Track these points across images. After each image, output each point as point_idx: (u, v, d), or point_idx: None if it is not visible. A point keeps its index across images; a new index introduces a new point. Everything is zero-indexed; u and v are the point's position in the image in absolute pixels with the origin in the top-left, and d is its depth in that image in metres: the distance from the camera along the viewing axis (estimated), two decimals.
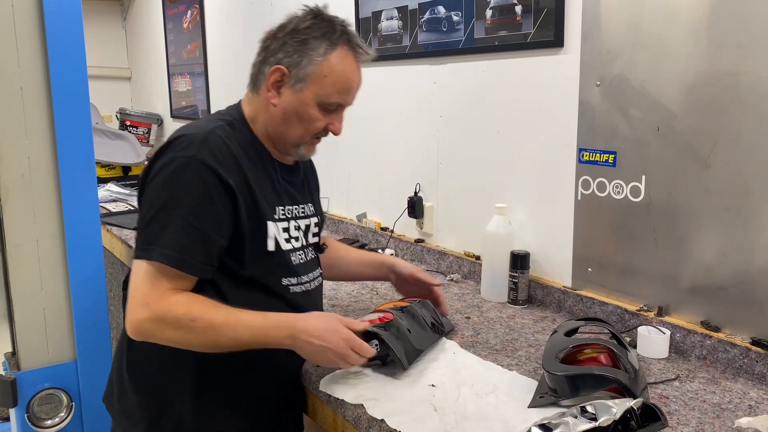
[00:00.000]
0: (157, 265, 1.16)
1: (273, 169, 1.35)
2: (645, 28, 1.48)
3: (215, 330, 1.16)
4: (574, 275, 1.73)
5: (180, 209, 1.17)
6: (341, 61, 1.28)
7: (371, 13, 2.34)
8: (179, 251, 1.16)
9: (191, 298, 1.18)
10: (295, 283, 1.34)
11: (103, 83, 5.04)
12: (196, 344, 1.18)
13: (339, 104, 1.31)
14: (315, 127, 1.31)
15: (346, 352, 1.20)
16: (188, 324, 1.15)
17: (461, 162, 2.07)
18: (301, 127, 1.30)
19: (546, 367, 1.22)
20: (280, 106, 1.30)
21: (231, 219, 1.22)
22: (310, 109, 1.29)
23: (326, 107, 1.30)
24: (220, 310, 1.18)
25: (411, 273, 1.61)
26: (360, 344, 1.23)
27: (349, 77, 1.30)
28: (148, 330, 1.16)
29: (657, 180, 1.50)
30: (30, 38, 1.78)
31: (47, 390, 1.81)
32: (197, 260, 1.18)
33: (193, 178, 1.18)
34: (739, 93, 1.33)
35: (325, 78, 1.27)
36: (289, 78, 1.28)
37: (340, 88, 1.29)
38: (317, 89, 1.27)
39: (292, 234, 1.36)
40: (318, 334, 1.19)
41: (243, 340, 1.18)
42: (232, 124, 1.31)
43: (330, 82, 1.27)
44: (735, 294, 1.38)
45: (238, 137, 1.29)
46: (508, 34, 1.82)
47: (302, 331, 1.19)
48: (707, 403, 1.22)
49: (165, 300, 1.16)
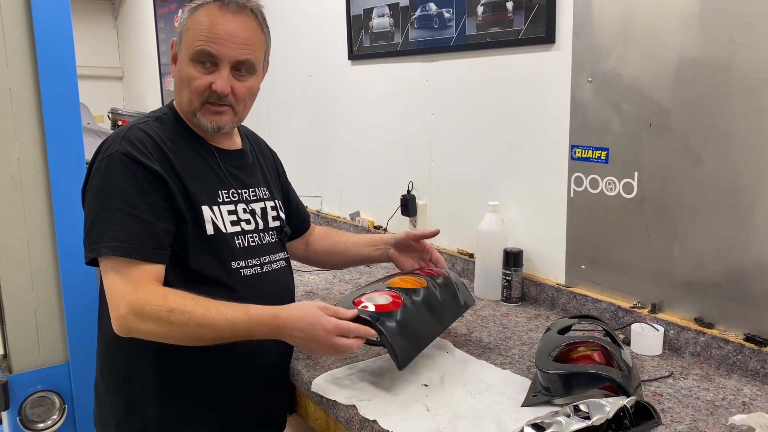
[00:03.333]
0: (119, 260, 1.17)
1: (210, 155, 1.35)
2: (636, 23, 1.48)
3: (195, 322, 1.14)
4: (568, 272, 1.72)
5: (115, 203, 1.19)
6: (203, 13, 1.27)
7: (362, 11, 2.33)
8: (125, 241, 1.17)
9: (166, 291, 1.18)
10: (245, 266, 1.32)
11: (94, 83, 5.02)
12: (178, 337, 1.16)
13: (207, 53, 1.26)
14: (195, 87, 1.28)
15: (332, 341, 1.14)
16: (166, 316, 1.14)
17: (454, 159, 2.07)
18: (186, 90, 1.30)
19: (539, 365, 1.21)
20: (174, 77, 1.34)
21: (168, 204, 1.23)
22: (185, 67, 1.29)
23: (198, 59, 1.27)
24: (198, 302, 1.16)
25: (406, 234, 1.57)
26: (347, 327, 1.16)
27: (209, 24, 1.26)
28: (131, 324, 1.15)
29: (650, 176, 1.50)
30: (18, 38, 1.77)
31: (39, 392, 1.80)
32: (145, 246, 1.18)
33: (120, 171, 1.20)
34: (731, 88, 1.33)
35: (188, 31, 1.28)
36: (176, 48, 1.33)
37: (200, 36, 1.26)
38: (186, 45, 1.28)
39: (241, 216, 1.35)
40: (300, 327, 1.15)
41: (226, 335, 1.16)
42: (160, 118, 1.34)
43: (191, 33, 1.27)
44: (728, 290, 1.38)
45: (165, 128, 1.31)
46: (499, 31, 1.81)
47: (285, 326, 1.16)
48: (701, 400, 1.22)
49: (140, 291, 1.16)
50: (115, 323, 1.17)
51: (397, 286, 1.34)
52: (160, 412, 1.28)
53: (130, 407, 1.30)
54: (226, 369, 1.29)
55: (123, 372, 1.31)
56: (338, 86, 2.56)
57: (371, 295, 1.29)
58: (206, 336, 1.16)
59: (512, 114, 1.84)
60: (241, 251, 1.32)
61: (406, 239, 1.56)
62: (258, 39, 1.32)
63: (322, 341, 1.15)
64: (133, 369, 1.29)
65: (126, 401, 1.30)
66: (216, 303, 1.16)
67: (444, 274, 1.48)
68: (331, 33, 2.55)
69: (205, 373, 1.28)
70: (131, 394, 1.29)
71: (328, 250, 1.66)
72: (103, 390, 1.36)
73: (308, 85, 2.75)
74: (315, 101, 2.72)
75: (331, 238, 1.68)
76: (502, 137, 1.88)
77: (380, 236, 1.63)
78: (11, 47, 1.76)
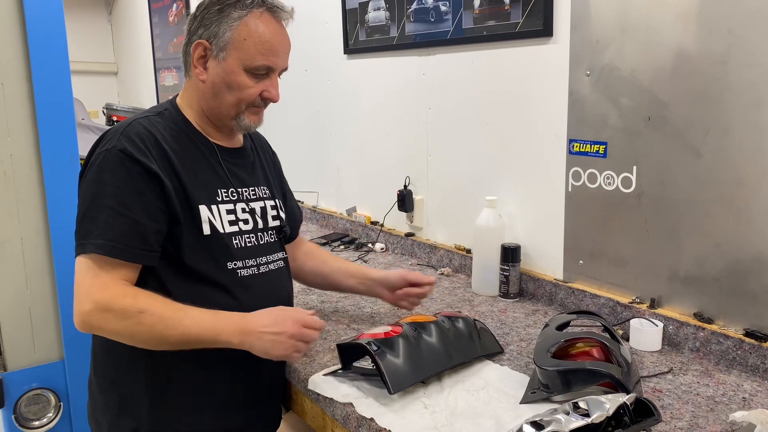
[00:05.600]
0: (96, 257, 1.16)
1: (211, 153, 1.33)
2: (634, 16, 1.46)
3: (164, 323, 1.14)
4: (566, 268, 1.71)
5: (107, 200, 1.18)
6: (258, 22, 1.26)
7: (358, 4, 2.31)
8: (112, 239, 1.16)
9: (137, 291, 1.17)
10: (243, 266, 1.31)
11: (89, 78, 4.99)
12: (143, 338, 1.16)
13: (267, 67, 1.28)
14: (248, 95, 1.28)
15: (299, 330, 1.19)
16: (135, 315, 1.13)
17: (451, 154, 2.05)
18: (232, 96, 1.28)
19: (537, 362, 1.20)
20: (209, 81, 1.29)
21: (162, 203, 1.21)
22: (238, 76, 1.27)
23: (254, 72, 1.27)
24: (168, 303, 1.17)
25: (400, 275, 1.53)
26: (311, 320, 1.21)
27: (270, 37, 1.26)
28: (95, 321, 1.14)
29: (648, 170, 1.49)
30: (11, 33, 1.75)
31: (35, 390, 1.79)
32: (132, 246, 1.17)
33: (116, 168, 1.19)
34: (730, 81, 1.31)
35: (244, 41, 1.25)
36: (211, 50, 1.27)
37: (262, 50, 1.26)
38: (240, 54, 1.26)
39: (240, 216, 1.34)
40: (267, 323, 1.18)
41: (192, 335, 1.16)
42: (162, 114, 1.31)
43: (250, 45, 1.25)
44: (727, 285, 1.37)
45: (167, 124, 1.29)
46: (496, 24, 1.80)
47: (253, 325, 1.18)
48: (701, 396, 1.21)
49: (109, 290, 1.15)
50: (76, 318, 1.16)
51: (405, 321, 1.34)
52: (152, 411, 1.27)
53: (122, 406, 1.29)
54: (221, 369, 1.27)
55: (116, 371, 1.29)
56: (334, 80, 2.54)
57: (373, 329, 1.31)
58: (171, 338, 1.15)
59: (510, 108, 1.82)
60: (238, 251, 1.31)
61: (400, 281, 1.52)
62: None
63: (292, 330, 1.18)
64: (126, 369, 1.28)
65: (119, 400, 1.29)
66: (185, 306, 1.17)
67: (462, 315, 1.43)
68: (326, 27, 2.53)
69: (199, 374, 1.27)
70: (124, 393, 1.28)
71: (313, 269, 1.62)
72: (97, 388, 1.34)
73: (304, 80, 2.73)
74: (311, 96, 2.70)
75: (318, 257, 1.63)
76: (499, 132, 1.86)
77: (367, 271, 1.58)
78: (3, 43, 1.74)
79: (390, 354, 1.20)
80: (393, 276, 1.53)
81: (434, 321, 1.34)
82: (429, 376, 1.25)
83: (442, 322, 1.34)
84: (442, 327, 1.33)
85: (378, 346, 1.20)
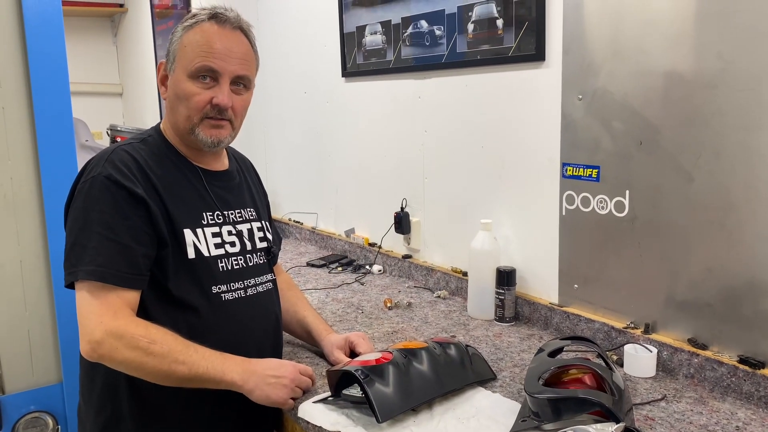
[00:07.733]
0: (95, 284, 1.17)
1: (195, 176, 1.34)
2: (626, 40, 1.47)
3: (173, 356, 1.15)
4: (561, 291, 1.70)
5: (95, 226, 1.19)
6: (199, 29, 1.28)
7: (355, 28, 2.33)
8: (101, 265, 1.17)
9: (148, 323, 1.18)
10: (226, 290, 1.31)
11: (95, 100, 5.04)
12: (150, 369, 1.16)
13: (208, 68, 1.26)
14: (195, 103, 1.27)
15: (298, 376, 1.26)
16: (146, 346, 1.14)
17: (447, 177, 2.06)
18: (183, 107, 1.29)
19: (528, 389, 1.19)
20: (168, 97, 1.32)
21: (149, 228, 1.22)
22: (183, 84, 1.28)
23: (197, 75, 1.27)
24: (177, 338, 1.18)
25: (345, 337, 1.46)
26: (304, 368, 1.30)
27: (208, 39, 1.27)
28: (105, 349, 1.14)
29: (641, 194, 1.48)
30: (11, 57, 1.78)
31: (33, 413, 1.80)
32: (122, 271, 1.18)
33: (101, 195, 1.20)
34: (720, 105, 1.31)
35: (185, 48, 1.28)
36: (166, 68, 1.32)
37: (200, 51, 1.26)
38: (182, 62, 1.28)
39: (226, 239, 1.34)
40: (272, 365, 1.25)
41: (199, 372, 1.17)
42: (145, 140, 1.33)
43: (190, 50, 1.27)
44: (721, 310, 1.36)
45: (151, 150, 1.31)
46: (490, 48, 1.81)
47: (257, 366, 1.23)
48: (694, 425, 1.19)
49: (121, 319, 1.16)
50: (86, 346, 1.16)
51: (396, 348, 1.33)
52: None
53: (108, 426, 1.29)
54: (206, 395, 1.27)
55: (101, 397, 1.30)
56: (332, 103, 2.56)
57: (363, 356, 1.32)
58: (178, 373, 1.16)
59: (503, 131, 1.83)
60: (222, 275, 1.31)
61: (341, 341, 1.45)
62: (251, 56, 1.35)
63: (292, 375, 1.25)
64: (109, 394, 1.28)
65: (103, 426, 1.30)
66: (195, 344, 1.19)
67: (454, 341, 1.41)
68: (325, 50, 2.55)
69: (184, 399, 1.26)
70: (109, 417, 1.29)
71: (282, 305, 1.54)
72: (84, 413, 1.35)
73: (303, 102, 2.75)
74: (310, 117, 2.72)
75: (288, 298, 1.57)
76: (493, 155, 1.87)
77: (323, 336, 1.50)
78: (4, 67, 1.77)
79: (379, 382, 1.20)
80: (335, 338, 1.47)
81: (425, 347, 1.32)
82: (419, 404, 1.24)
83: (433, 348, 1.33)
84: (433, 353, 1.32)
85: (367, 374, 1.20)
